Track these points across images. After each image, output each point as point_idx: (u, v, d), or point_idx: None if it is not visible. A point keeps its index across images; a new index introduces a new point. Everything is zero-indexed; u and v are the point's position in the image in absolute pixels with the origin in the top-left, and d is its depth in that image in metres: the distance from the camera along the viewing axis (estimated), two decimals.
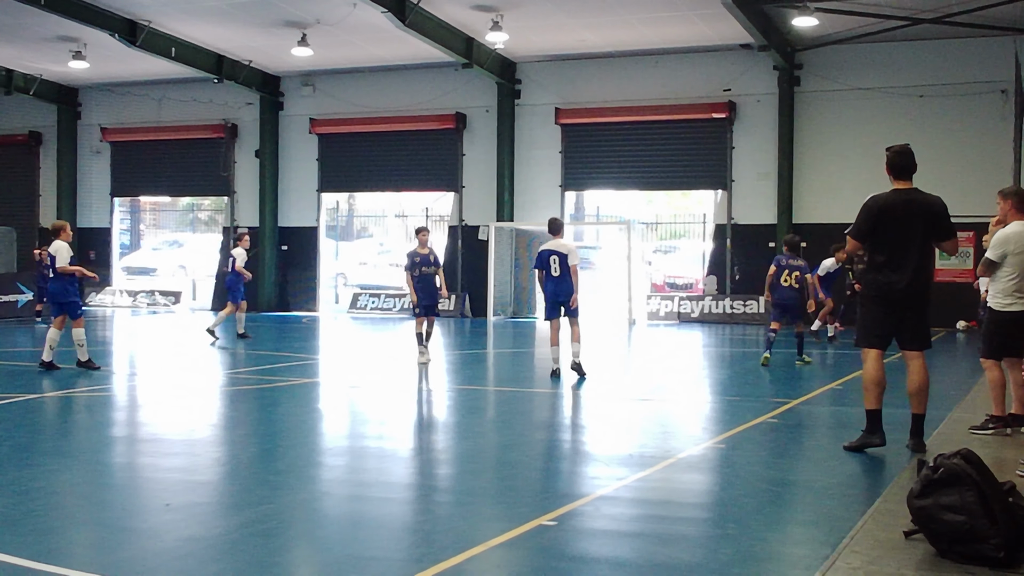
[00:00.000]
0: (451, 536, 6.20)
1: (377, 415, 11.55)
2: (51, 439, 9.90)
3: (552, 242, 14.10)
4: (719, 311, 27.30)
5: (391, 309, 30.43)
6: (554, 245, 14.01)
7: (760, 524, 6.48)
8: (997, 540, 5.19)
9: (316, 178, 31.84)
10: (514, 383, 14.95)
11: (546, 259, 13.93)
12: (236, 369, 16.06)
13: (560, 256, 13.85)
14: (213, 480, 7.97)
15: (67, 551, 5.87)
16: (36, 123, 34.51)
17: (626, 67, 28.28)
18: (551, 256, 13.89)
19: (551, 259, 13.88)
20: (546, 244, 14.22)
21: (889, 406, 8.67)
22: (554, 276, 13.87)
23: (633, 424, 10.95)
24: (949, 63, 25.53)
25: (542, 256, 14.04)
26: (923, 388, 8.53)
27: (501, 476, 8.14)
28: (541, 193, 29.25)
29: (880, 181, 8.59)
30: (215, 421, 11.08)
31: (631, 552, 5.93)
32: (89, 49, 28.13)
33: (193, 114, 32.56)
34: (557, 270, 13.83)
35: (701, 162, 28.12)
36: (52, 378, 13.84)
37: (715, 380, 15.51)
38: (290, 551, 5.90)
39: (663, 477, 7.87)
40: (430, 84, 29.94)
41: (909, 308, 8.44)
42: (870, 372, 8.52)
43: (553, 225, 14.36)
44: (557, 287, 13.87)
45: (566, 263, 13.85)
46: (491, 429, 10.64)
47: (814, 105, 26.70)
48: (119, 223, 35.66)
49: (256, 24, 25.95)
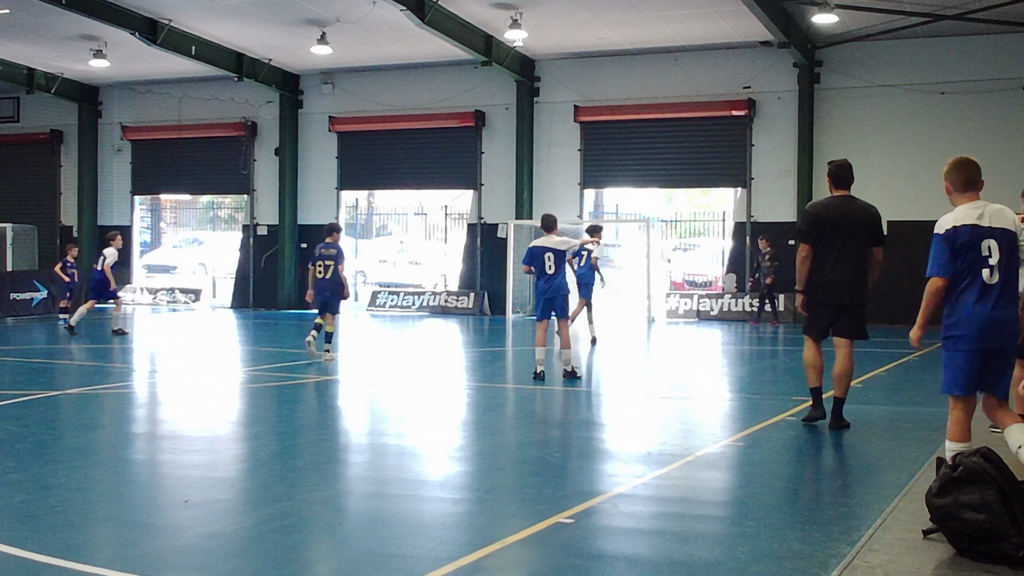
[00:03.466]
0: (469, 533, 6.22)
1: (396, 412, 11.56)
2: (71, 436, 9.96)
3: (545, 239, 13.64)
4: (738, 309, 27.22)
5: (410, 307, 30.46)
6: (547, 242, 13.58)
7: (778, 522, 6.46)
8: (1018, 539, 5.16)
9: (335, 176, 31.90)
10: (532, 381, 14.95)
11: (540, 256, 13.50)
12: (256, 366, 16.11)
13: (556, 253, 13.49)
14: (232, 477, 8.00)
15: (87, 547, 5.91)
16: (57, 122, 34.68)
17: (646, 64, 28.23)
18: (545, 253, 13.48)
19: (545, 256, 13.47)
20: (538, 241, 13.74)
21: (897, 404, 8.61)
22: (548, 273, 13.47)
23: (652, 422, 10.94)
24: (970, 60, 25.36)
25: (534, 253, 13.57)
26: (846, 374, 9.42)
27: (519, 474, 8.14)
28: (560, 191, 29.23)
29: (899, 178, 8.66)
30: (235, 418, 11.12)
31: (649, 550, 5.92)
32: (110, 48, 28.25)
33: (213, 112, 32.66)
34: (552, 267, 13.45)
35: (721, 160, 28.04)
36: (72, 375, 13.91)
37: (734, 378, 15.47)
38: (309, 548, 5.92)
39: (682, 475, 7.86)
40: (449, 82, 29.96)
41: (847, 305, 9.36)
42: (808, 356, 9.64)
43: (546, 222, 13.89)
44: (550, 285, 13.48)
45: (562, 260, 13.57)
46: (510, 427, 10.65)
47: (834, 102, 26.58)
48: (139, 221, 35.83)
49: (276, 22, 26.02)
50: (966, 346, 6.41)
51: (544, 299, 13.58)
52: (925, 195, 25.49)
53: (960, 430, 6.48)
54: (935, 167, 29.22)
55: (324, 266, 15.57)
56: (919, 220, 25.51)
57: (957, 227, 6.49)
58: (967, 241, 6.44)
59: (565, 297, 13.69)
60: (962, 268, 6.44)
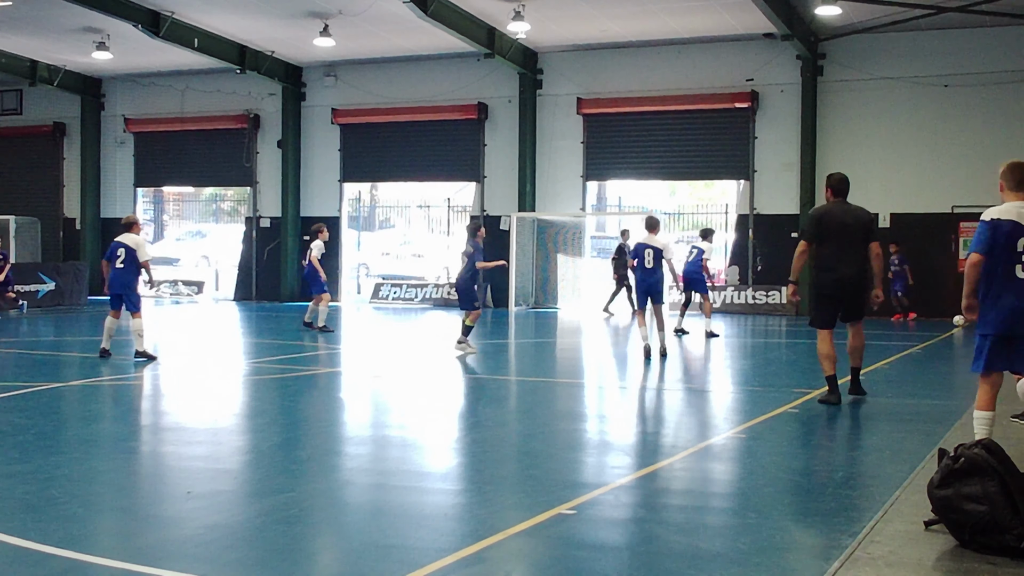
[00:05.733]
0: (471, 524, 6.23)
1: (398, 404, 11.58)
2: (74, 427, 9.98)
3: (647, 237, 15.62)
4: (741, 301, 27.22)
5: (413, 299, 30.47)
6: (649, 240, 15.54)
7: (780, 513, 6.47)
8: (1019, 530, 5.16)
9: (338, 168, 31.88)
10: (536, 373, 14.96)
11: (640, 252, 15.53)
12: (259, 358, 16.13)
13: (654, 250, 15.40)
14: (235, 468, 8.01)
15: (89, 538, 5.92)
16: (60, 114, 34.69)
17: (649, 57, 28.18)
18: (645, 250, 15.47)
19: (645, 252, 15.44)
20: (641, 238, 15.77)
21: (899, 396, 8.60)
22: (647, 267, 15.38)
23: (654, 414, 10.94)
24: (974, 52, 25.29)
25: (637, 249, 15.70)
26: (860, 347, 10.82)
27: (521, 465, 8.15)
28: (563, 183, 29.21)
29: (902, 170, 8.65)
30: (237, 410, 11.13)
31: (651, 541, 5.92)
32: (113, 40, 28.25)
33: (216, 105, 32.66)
34: (650, 263, 15.37)
35: (724, 152, 28.01)
36: (75, 367, 13.94)
37: (736, 370, 15.48)
38: (311, 539, 5.92)
39: (683, 466, 7.87)
40: (452, 74, 29.93)
41: (852, 295, 10.55)
42: (822, 348, 10.50)
43: (649, 222, 15.90)
44: (648, 278, 15.39)
45: (660, 257, 15.41)
46: (512, 419, 10.66)
47: (838, 95, 26.53)
48: (143, 213, 35.84)
49: (279, 15, 26.00)
50: (992, 331, 7.03)
51: (643, 290, 15.62)
52: (928, 188, 25.49)
53: (986, 400, 7.12)
54: (938, 160, 29.36)
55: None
56: (922, 212, 25.59)
57: (1000, 219, 7.01)
58: (1006, 233, 6.96)
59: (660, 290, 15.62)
60: (997, 260, 6.97)
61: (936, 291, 24.25)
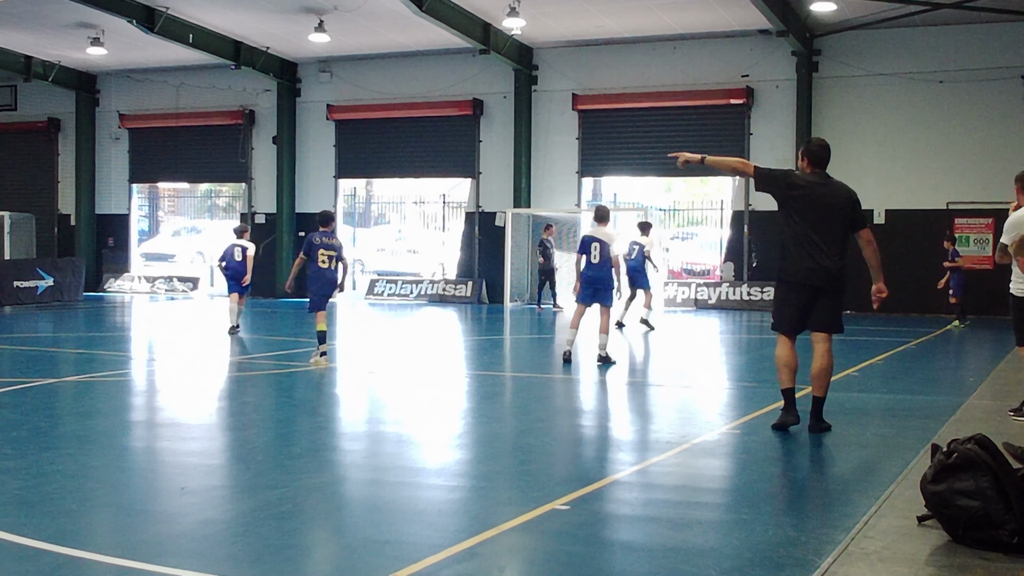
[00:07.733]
0: (465, 520, 6.23)
1: (393, 400, 11.58)
2: (68, 423, 9.97)
3: (595, 229, 14.24)
4: (736, 298, 27.24)
5: (408, 295, 30.47)
6: (597, 232, 14.13)
7: (774, 509, 6.48)
8: (1012, 526, 5.17)
9: (333, 164, 31.87)
10: (531, 369, 14.97)
11: (587, 245, 14.07)
12: (253, 355, 16.12)
13: (601, 244, 13.98)
14: (229, 464, 8.02)
15: (83, 533, 5.91)
16: (55, 110, 34.64)
17: (644, 53, 28.18)
18: (592, 243, 14.03)
19: (592, 246, 14.01)
20: (589, 230, 14.41)
21: (893, 392, 8.61)
22: (593, 263, 13.97)
23: (648, 409, 10.95)
24: (969, 49, 25.32)
25: (584, 242, 14.21)
26: (826, 372, 8.71)
27: (516, 461, 8.15)
28: (558, 179, 29.21)
29: (897, 166, 8.72)
30: (232, 406, 11.13)
31: (644, 536, 5.93)
32: (107, 36, 28.22)
33: (211, 100, 32.62)
34: (597, 257, 13.95)
35: (719, 148, 27.80)
36: (70, 363, 13.89)
37: (731, 366, 15.49)
38: (305, 534, 5.93)
39: (677, 462, 7.87)
40: (447, 70, 29.91)
41: (828, 294, 8.62)
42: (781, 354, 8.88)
43: (598, 212, 14.50)
44: (595, 273, 13.97)
45: (607, 251, 13.99)
46: (507, 414, 10.66)
47: (833, 91, 26.55)
48: (137, 209, 35.78)
49: (274, 10, 25.98)
50: None
51: (589, 286, 14.04)
52: (923, 184, 25.51)
53: None
54: (933, 156, 29.37)
55: (328, 257, 14.15)
56: (917, 209, 25.61)
57: None
58: None
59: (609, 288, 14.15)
60: None
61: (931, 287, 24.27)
